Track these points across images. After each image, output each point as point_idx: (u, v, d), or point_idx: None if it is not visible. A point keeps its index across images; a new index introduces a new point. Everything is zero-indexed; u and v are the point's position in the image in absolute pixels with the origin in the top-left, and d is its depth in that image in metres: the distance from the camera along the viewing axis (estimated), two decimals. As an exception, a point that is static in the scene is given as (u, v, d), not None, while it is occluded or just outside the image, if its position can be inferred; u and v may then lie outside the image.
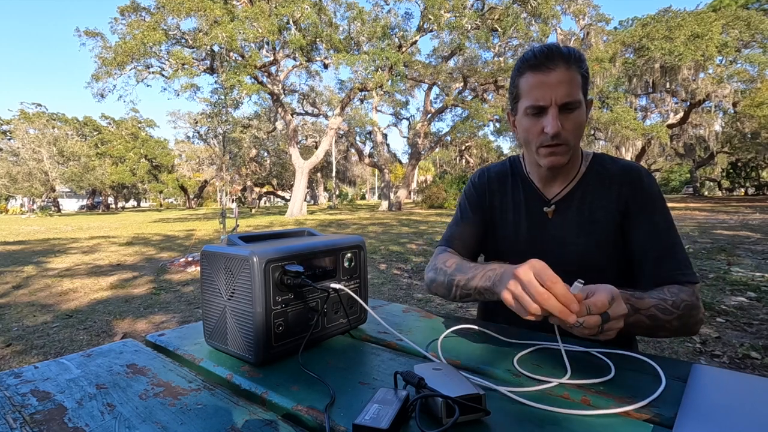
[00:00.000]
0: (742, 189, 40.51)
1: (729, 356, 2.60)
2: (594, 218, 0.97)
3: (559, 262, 0.86)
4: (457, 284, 0.89)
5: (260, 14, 15.66)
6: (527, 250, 1.02)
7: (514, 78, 0.95)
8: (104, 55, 16.96)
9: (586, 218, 0.98)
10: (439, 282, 0.96)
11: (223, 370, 0.66)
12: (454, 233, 1.10)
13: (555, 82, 0.86)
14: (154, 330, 3.50)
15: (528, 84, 0.90)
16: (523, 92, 0.92)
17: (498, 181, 1.10)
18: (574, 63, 0.87)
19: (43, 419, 0.52)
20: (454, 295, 0.91)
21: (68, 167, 34.10)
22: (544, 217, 1.02)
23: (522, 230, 1.04)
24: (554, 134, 0.87)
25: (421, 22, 19.12)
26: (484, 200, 1.10)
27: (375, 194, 60.81)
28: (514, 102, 0.98)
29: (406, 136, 27.98)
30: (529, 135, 0.93)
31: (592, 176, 1.00)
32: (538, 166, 1.00)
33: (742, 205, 18.96)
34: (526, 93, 0.91)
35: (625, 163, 1.00)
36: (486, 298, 0.82)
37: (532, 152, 0.96)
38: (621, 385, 0.53)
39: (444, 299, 0.96)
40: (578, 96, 0.88)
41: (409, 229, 11.80)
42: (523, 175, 1.07)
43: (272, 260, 0.64)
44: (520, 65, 0.92)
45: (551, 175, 1.01)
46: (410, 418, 0.49)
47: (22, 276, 5.96)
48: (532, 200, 1.04)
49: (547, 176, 1.01)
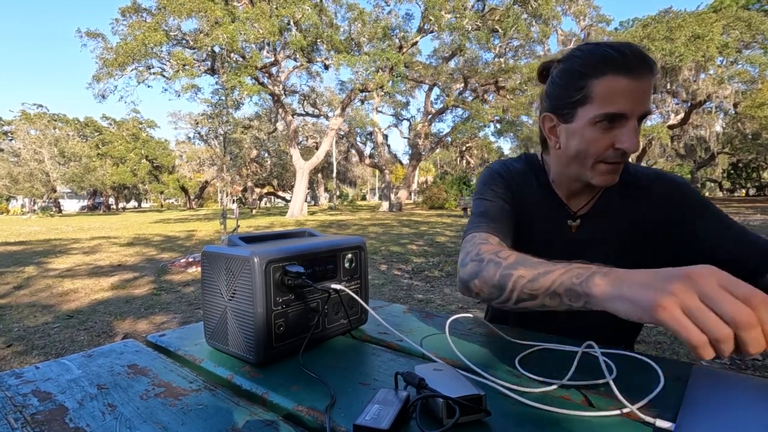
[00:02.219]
0: (743, 190, 40.49)
1: (730, 357, 2.60)
2: (623, 234, 0.88)
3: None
4: (516, 281, 0.64)
5: (261, 15, 15.68)
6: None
7: (580, 77, 0.78)
8: (105, 55, 17.00)
9: (615, 234, 0.89)
10: (486, 277, 0.69)
11: (223, 370, 0.66)
12: (495, 216, 0.88)
13: (644, 91, 0.74)
14: (155, 330, 3.50)
15: (611, 88, 0.74)
16: (598, 97, 0.76)
17: (522, 182, 0.96)
18: (656, 71, 0.76)
19: (44, 419, 0.52)
20: (509, 297, 0.65)
21: (69, 168, 34.14)
22: (567, 231, 0.92)
23: (541, 242, 0.93)
24: (633, 151, 0.76)
25: (421, 23, 19.15)
26: (512, 195, 0.94)
27: (375, 195, 60.81)
28: (571, 106, 0.80)
29: (406, 137, 27.99)
30: (593, 148, 0.79)
31: (620, 187, 0.89)
32: (572, 179, 0.88)
33: (743, 206, 18.93)
34: (603, 98, 0.75)
35: (659, 172, 0.91)
36: (561, 305, 0.59)
37: (583, 167, 0.82)
38: (622, 386, 0.53)
39: (488, 302, 0.72)
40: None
41: (410, 229, 11.80)
42: (547, 182, 0.95)
43: (273, 261, 0.64)
44: (598, 63, 0.76)
45: (581, 188, 0.90)
46: (411, 418, 0.49)
47: (23, 276, 5.97)
48: (555, 211, 0.94)
49: (576, 189, 0.90)
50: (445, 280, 5.13)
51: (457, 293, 4.33)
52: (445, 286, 4.73)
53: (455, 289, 4.57)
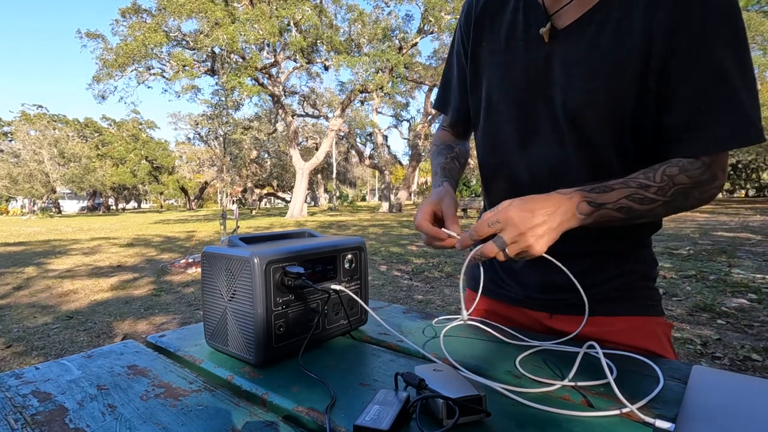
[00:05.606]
0: (742, 191, 40.49)
1: (730, 358, 2.60)
2: (611, 55, 0.68)
3: (552, 118, 0.74)
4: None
5: (261, 16, 15.70)
6: (515, 96, 0.79)
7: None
8: (105, 56, 17.01)
9: (600, 53, 0.69)
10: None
11: (223, 371, 0.66)
12: (446, 85, 0.95)
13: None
14: (155, 331, 3.50)
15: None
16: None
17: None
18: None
19: (44, 420, 0.52)
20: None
21: (69, 168, 34.14)
22: (539, 44, 0.75)
23: (506, 64, 0.79)
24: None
25: (421, 24, 19.16)
26: (470, 28, 0.85)
27: (375, 196, 60.81)
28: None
29: (406, 138, 28.00)
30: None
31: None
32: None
33: (742, 207, 18.94)
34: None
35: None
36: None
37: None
38: (622, 387, 0.53)
39: None
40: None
41: (410, 230, 11.79)
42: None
43: (273, 261, 0.65)
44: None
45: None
46: (411, 419, 0.49)
47: (22, 277, 5.97)
48: (530, 18, 0.76)
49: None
50: (445, 281, 5.13)
51: (458, 294, 4.33)
52: (445, 287, 4.73)
53: (455, 290, 4.57)
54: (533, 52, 0.76)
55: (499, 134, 0.83)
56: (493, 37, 0.81)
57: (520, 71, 0.77)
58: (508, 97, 0.80)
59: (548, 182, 0.75)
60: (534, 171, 0.79)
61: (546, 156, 0.77)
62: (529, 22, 0.76)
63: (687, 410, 0.50)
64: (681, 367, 0.64)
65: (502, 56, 0.80)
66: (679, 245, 7.25)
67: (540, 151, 0.78)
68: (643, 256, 0.82)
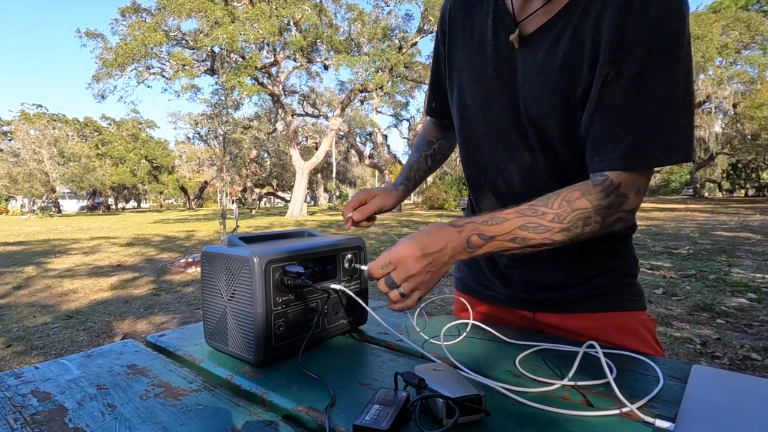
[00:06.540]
0: (742, 190, 40.51)
1: (729, 357, 2.60)
2: (565, 65, 0.67)
3: (519, 124, 0.74)
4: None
5: (261, 15, 15.69)
6: (484, 100, 0.79)
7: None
8: (105, 56, 17.01)
9: (557, 64, 0.68)
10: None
11: (223, 370, 0.66)
12: (431, 84, 0.97)
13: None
14: (155, 331, 3.50)
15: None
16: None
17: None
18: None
19: (43, 420, 0.52)
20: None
21: (69, 168, 34.14)
22: (508, 50, 0.74)
23: (477, 68, 0.80)
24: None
25: (421, 23, 19.15)
26: (445, 29, 0.86)
27: (375, 195, 60.60)
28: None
29: (406, 137, 28.01)
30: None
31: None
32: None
33: (742, 207, 18.95)
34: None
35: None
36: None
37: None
38: (621, 386, 0.53)
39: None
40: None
41: (410, 230, 11.80)
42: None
43: (273, 261, 0.64)
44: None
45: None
46: (410, 419, 0.49)
47: (22, 276, 5.97)
48: (499, 23, 0.76)
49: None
50: (444, 281, 5.12)
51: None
52: (445, 287, 4.72)
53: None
54: (501, 59, 0.76)
55: (473, 136, 0.85)
56: (466, 40, 0.82)
57: (490, 76, 0.78)
58: (479, 100, 0.81)
59: (520, 188, 0.78)
60: (507, 177, 0.81)
61: (516, 161, 0.79)
62: (498, 28, 0.76)
63: (687, 410, 0.50)
64: (681, 367, 0.64)
65: (474, 60, 0.80)
66: (678, 245, 7.26)
67: (510, 155, 0.79)
68: (625, 254, 0.84)
